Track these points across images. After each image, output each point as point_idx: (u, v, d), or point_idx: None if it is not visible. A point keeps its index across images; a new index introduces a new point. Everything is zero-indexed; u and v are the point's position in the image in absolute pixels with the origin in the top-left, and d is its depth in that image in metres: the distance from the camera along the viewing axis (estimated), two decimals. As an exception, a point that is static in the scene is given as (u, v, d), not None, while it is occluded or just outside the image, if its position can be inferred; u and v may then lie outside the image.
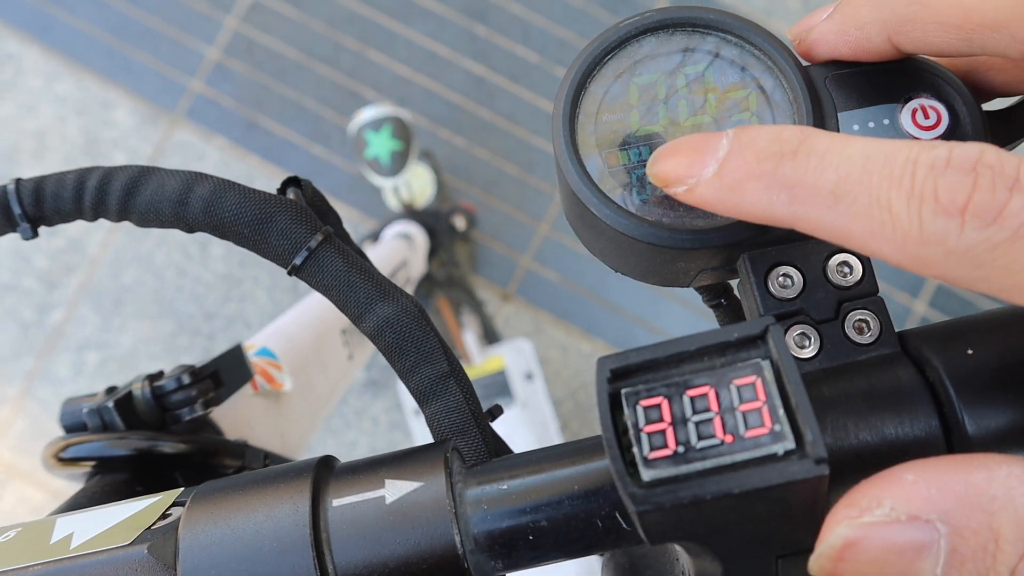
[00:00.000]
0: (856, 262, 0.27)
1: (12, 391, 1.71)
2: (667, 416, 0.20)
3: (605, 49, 0.28)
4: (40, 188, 0.32)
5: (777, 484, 0.19)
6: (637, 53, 0.28)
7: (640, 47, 0.28)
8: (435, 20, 1.77)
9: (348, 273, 0.31)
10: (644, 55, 0.28)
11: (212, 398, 0.39)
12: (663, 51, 0.28)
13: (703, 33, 0.28)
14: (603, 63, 0.28)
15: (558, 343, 1.72)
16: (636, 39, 0.28)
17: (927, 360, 0.24)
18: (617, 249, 0.28)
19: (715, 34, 0.28)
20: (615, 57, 0.28)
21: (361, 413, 1.71)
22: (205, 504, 0.26)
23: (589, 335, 1.72)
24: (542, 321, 1.72)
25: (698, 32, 0.28)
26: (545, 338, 1.72)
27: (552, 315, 1.72)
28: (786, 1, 1.76)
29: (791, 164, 0.21)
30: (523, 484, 0.24)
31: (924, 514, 0.18)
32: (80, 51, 1.78)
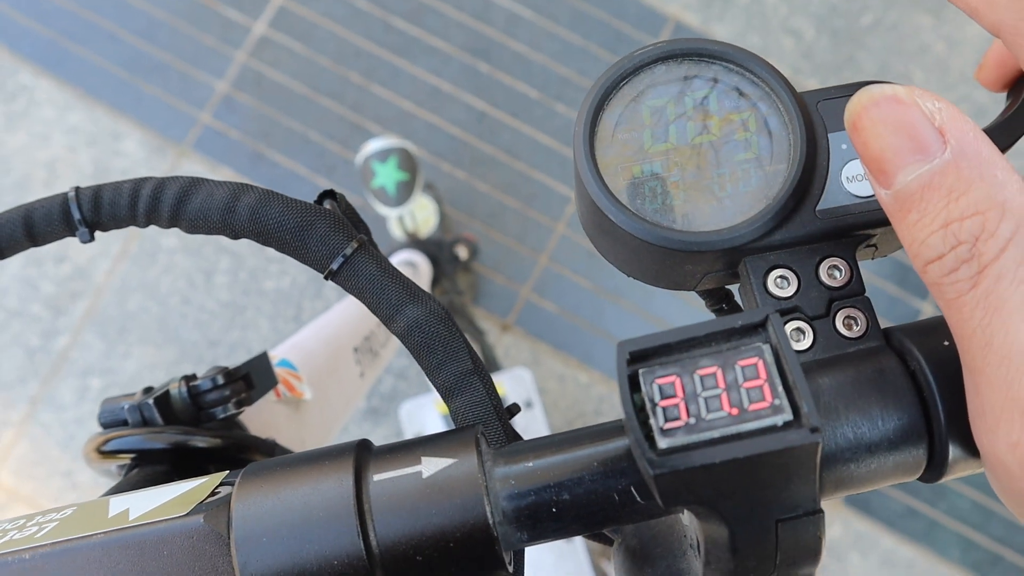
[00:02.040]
0: (844, 265, 0.30)
1: (16, 415, 1.73)
2: (680, 392, 0.23)
3: (621, 75, 0.31)
4: (98, 195, 0.35)
5: (777, 450, 0.22)
6: (649, 79, 0.31)
7: (652, 74, 0.31)
8: (439, 56, 1.82)
9: (381, 278, 0.34)
10: (655, 81, 0.31)
11: (244, 398, 0.42)
12: (672, 78, 0.31)
13: (708, 62, 0.31)
14: (619, 87, 0.31)
15: (556, 373, 1.75)
16: (648, 67, 0.31)
17: (909, 351, 0.27)
18: (632, 254, 0.30)
19: (718, 63, 0.31)
20: (629, 82, 0.31)
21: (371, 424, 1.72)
22: (255, 479, 0.28)
23: (586, 366, 1.75)
24: (541, 351, 1.75)
25: (704, 61, 0.31)
26: (544, 368, 1.74)
27: (550, 346, 1.74)
28: (780, 41, 1.81)
29: None
30: (547, 463, 0.27)
31: (948, 133, 0.23)
32: (92, 84, 1.82)
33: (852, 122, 0.25)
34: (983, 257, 0.23)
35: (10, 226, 0.35)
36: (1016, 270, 0.22)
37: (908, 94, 0.24)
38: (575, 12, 1.82)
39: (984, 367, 0.23)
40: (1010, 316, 0.22)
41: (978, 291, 0.23)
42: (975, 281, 0.23)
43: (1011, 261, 0.22)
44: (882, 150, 0.24)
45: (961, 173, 0.23)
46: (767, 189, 0.30)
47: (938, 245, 0.23)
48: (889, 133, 0.24)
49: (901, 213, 0.24)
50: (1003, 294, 0.22)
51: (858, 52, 1.80)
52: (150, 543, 0.28)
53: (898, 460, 0.27)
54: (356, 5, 1.83)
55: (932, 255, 0.23)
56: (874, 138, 0.24)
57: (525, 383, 1.59)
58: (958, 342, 0.24)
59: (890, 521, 1.68)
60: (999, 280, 0.22)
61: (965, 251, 0.23)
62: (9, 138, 1.80)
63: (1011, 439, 0.23)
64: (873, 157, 0.24)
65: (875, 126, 0.24)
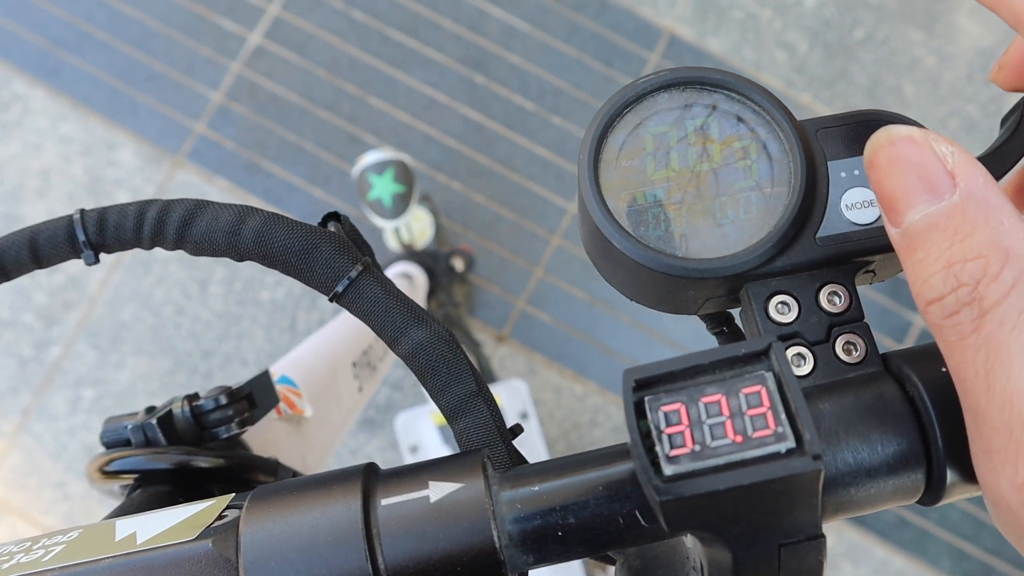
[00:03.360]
0: (844, 292, 0.30)
1: (8, 426, 1.72)
2: (685, 419, 0.24)
3: (625, 102, 0.31)
4: (103, 218, 0.35)
5: (781, 477, 0.22)
6: (652, 107, 0.31)
7: (655, 102, 0.31)
8: (435, 68, 1.82)
9: (385, 300, 0.34)
10: (658, 108, 0.31)
11: (247, 418, 0.42)
12: (674, 105, 0.31)
13: (710, 90, 0.31)
14: (622, 115, 0.31)
15: (551, 384, 1.75)
16: (651, 94, 0.31)
17: (907, 377, 0.28)
18: (635, 279, 0.31)
19: (720, 91, 0.31)
20: (632, 110, 0.31)
21: (357, 452, 1.72)
22: (263, 503, 0.28)
23: (582, 377, 1.75)
24: (536, 363, 1.75)
25: (706, 89, 0.31)
26: (539, 379, 1.75)
27: (546, 357, 1.75)
28: (774, 55, 1.82)
29: None
30: (552, 486, 0.27)
31: (958, 177, 0.24)
32: (87, 94, 1.82)
33: (870, 159, 0.26)
34: (984, 301, 0.23)
35: (15, 248, 0.35)
36: (1018, 317, 0.23)
37: (923, 136, 0.25)
38: (571, 25, 1.82)
39: (987, 409, 0.24)
40: (1011, 361, 0.23)
41: (980, 336, 0.23)
42: (976, 325, 0.23)
43: (1013, 307, 0.23)
44: (894, 188, 0.25)
45: (967, 216, 0.24)
46: (768, 216, 0.30)
47: (939, 286, 0.24)
48: (902, 172, 0.25)
49: (908, 251, 0.25)
50: (1005, 340, 0.23)
51: (850, 66, 1.81)
52: (159, 567, 0.28)
53: (897, 484, 0.27)
54: (352, 16, 1.83)
55: (933, 295, 0.24)
56: (888, 176, 0.25)
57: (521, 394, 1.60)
58: (958, 383, 0.24)
59: (882, 531, 1.69)
60: (1001, 325, 0.23)
61: (966, 294, 0.23)
62: (2, 148, 1.80)
63: (1016, 481, 0.23)
64: (886, 195, 0.25)
65: (890, 165, 0.25)
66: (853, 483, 0.27)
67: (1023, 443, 0.23)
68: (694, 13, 1.83)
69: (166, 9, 1.84)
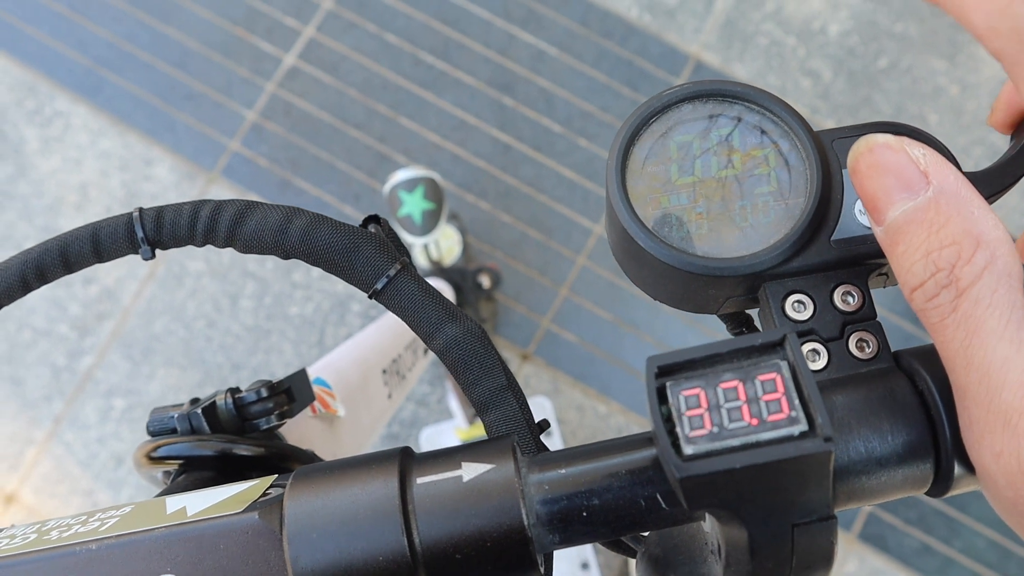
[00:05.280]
0: (857, 292, 0.32)
1: (40, 434, 1.76)
2: (704, 403, 0.25)
3: (651, 112, 0.33)
4: (160, 216, 0.37)
5: (793, 457, 0.24)
6: (676, 117, 0.33)
7: (679, 112, 0.33)
8: (465, 91, 1.85)
9: (422, 298, 0.36)
10: (682, 119, 0.33)
11: (286, 411, 0.44)
12: (698, 116, 0.33)
13: (731, 102, 0.33)
14: (649, 124, 0.33)
15: (575, 403, 1.76)
16: (676, 105, 0.33)
17: (917, 372, 0.29)
18: (659, 278, 0.33)
19: (741, 103, 0.33)
20: (658, 120, 0.33)
21: (380, 466, 1.74)
22: (306, 480, 0.30)
23: (605, 396, 1.76)
24: (560, 381, 1.76)
25: (727, 101, 0.33)
26: (563, 398, 1.76)
27: (570, 376, 1.76)
28: (798, 82, 1.83)
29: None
30: (579, 470, 0.29)
31: (931, 175, 0.26)
32: (127, 111, 1.86)
33: (852, 167, 0.28)
34: (960, 282, 0.25)
35: (79, 243, 0.37)
36: (991, 295, 0.25)
37: (898, 142, 0.27)
38: (599, 50, 1.85)
39: (967, 384, 0.25)
40: (988, 337, 0.25)
41: (958, 314, 0.25)
42: (955, 305, 0.25)
43: (986, 287, 0.25)
44: (875, 190, 0.27)
45: (941, 208, 0.26)
46: (786, 220, 0.32)
47: (920, 272, 0.26)
48: (881, 175, 0.27)
49: (892, 246, 0.27)
50: (980, 317, 0.25)
51: (874, 94, 1.83)
52: (208, 537, 0.30)
53: (906, 474, 0.29)
54: (385, 39, 1.87)
55: (916, 282, 0.26)
56: (869, 180, 0.27)
57: (545, 411, 1.61)
58: (944, 363, 0.26)
59: (905, 558, 1.68)
60: (977, 304, 0.25)
61: (944, 277, 0.25)
62: (43, 162, 1.85)
63: (995, 449, 0.25)
64: (868, 196, 0.27)
65: (870, 169, 0.27)
66: (864, 471, 0.28)
67: (1000, 412, 0.25)
68: (719, 40, 1.86)
69: (206, 30, 1.88)
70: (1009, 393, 0.24)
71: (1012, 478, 0.25)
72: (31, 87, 1.88)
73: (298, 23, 1.88)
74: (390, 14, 1.88)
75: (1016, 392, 0.24)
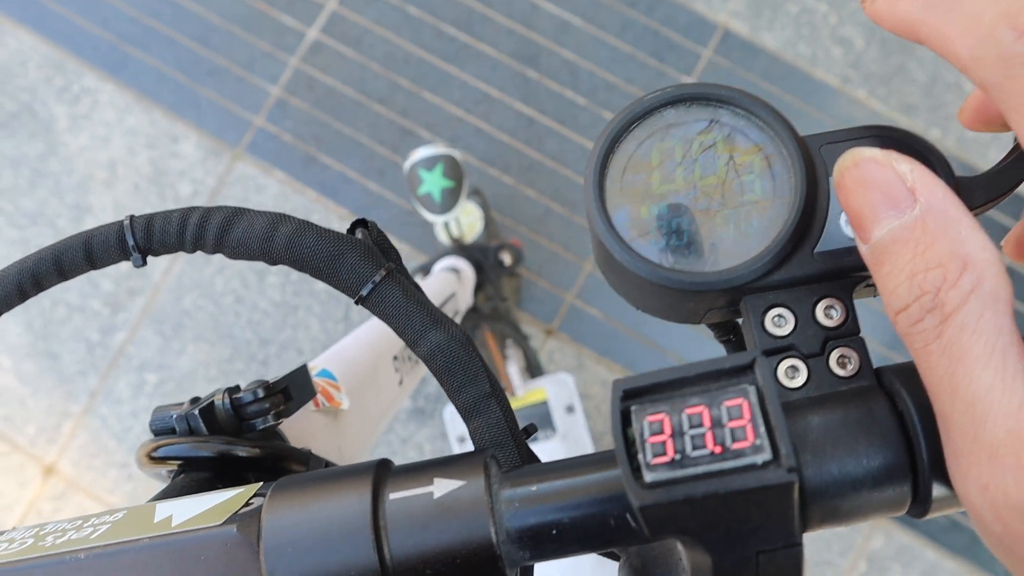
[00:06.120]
0: (841, 306, 0.31)
1: (76, 408, 1.79)
2: (667, 429, 0.25)
3: (633, 117, 0.32)
4: (150, 224, 0.37)
5: (755, 487, 0.24)
6: (659, 122, 0.33)
7: (662, 117, 0.33)
8: (488, 63, 1.84)
9: (406, 304, 0.36)
10: (665, 124, 0.32)
11: (283, 410, 0.45)
12: (681, 120, 0.32)
13: (716, 106, 0.32)
14: (630, 130, 0.33)
15: (600, 379, 1.76)
16: (659, 110, 0.33)
17: (897, 392, 0.29)
18: (636, 291, 0.32)
19: (726, 107, 0.32)
20: (640, 125, 0.33)
21: (407, 440, 1.76)
22: (284, 493, 0.31)
23: (630, 371, 1.76)
24: (585, 357, 1.76)
25: (712, 105, 0.32)
26: (587, 373, 1.76)
27: (594, 352, 1.76)
28: (830, 51, 1.80)
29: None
30: (550, 487, 0.29)
31: (918, 192, 0.25)
32: (152, 87, 1.88)
33: (838, 181, 0.27)
34: (945, 307, 0.24)
35: (72, 252, 0.38)
36: (977, 321, 0.24)
37: (885, 157, 0.26)
38: (624, 20, 1.83)
39: (952, 413, 0.24)
40: (973, 365, 0.24)
41: (943, 340, 0.24)
42: (940, 331, 0.24)
43: (972, 312, 0.24)
44: (861, 206, 0.26)
45: (928, 228, 0.25)
46: (769, 230, 0.31)
47: (904, 295, 0.25)
48: (867, 191, 0.26)
49: (877, 265, 0.26)
50: (966, 344, 0.24)
51: (908, 62, 1.79)
52: (189, 549, 0.30)
53: (883, 497, 0.28)
54: (407, 11, 1.86)
55: (900, 304, 0.25)
56: (854, 195, 0.26)
57: (567, 388, 1.61)
58: (928, 390, 0.25)
59: (933, 534, 1.67)
60: (962, 330, 0.24)
61: (928, 300, 0.24)
62: (72, 139, 1.87)
63: (981, 482, 0.24)
64: (854, 213, 0.26)
65: (856, 184, 0.26)
66: (839, 494, 0.28)
67: (986, 444, 0.24)
68: (748, 8, 1.82)
69: (228, 5, 1.89)
70: (994, 424, 0.23)
71: (999, 512, 0.24)
72: (59, 65, 1.89)
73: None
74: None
75: (1001, 424, 0.23)
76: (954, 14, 0.26)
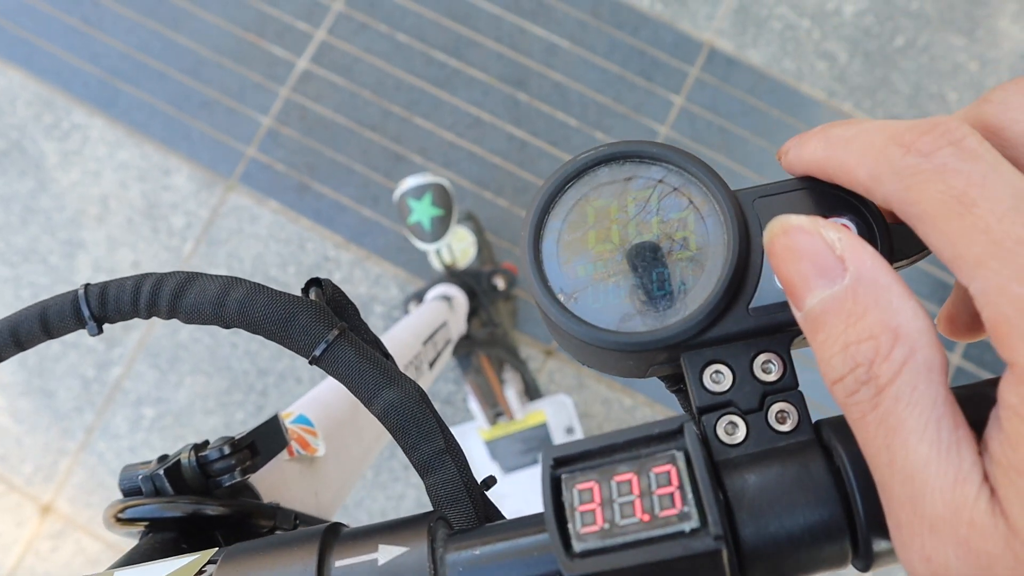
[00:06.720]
0: (778, 360, 0.31)
1: (72, 445, 1.79)
2: (597, 498, 0.25)
3: (566, 177, 0.33)
4: (104, 292, 0.38)
5: (682, 556, 0.24)
6: (594, 180, 0.33)
7: (595, 176, 0.33)
8: (478, 88, 1.85)
9: (359, 363, 0.37)
10: (598, 182, 0.33)
11: (249, 466, 0.45)
12: (616, 178, 0.33)
13: (649, 163, 0.33)
14: (565, 190, 0.33)
15: (600, 397, 1.76)
16: (592, 169, 0.33)
17: (834, 448, 0.29)
18: (578, 349, 0.33)
19: (659, 164, 0.32)
20: (574, 185, 0.33)
21: (409, 467, 1.76)
22: (232, 564, 0.31)
23: (630, 389, 1.76)
24: (585, 376, 1.76)
25: (645, 163, 0.33)
26: (588, 392, 1.76)
27: (595, 371, 1.76)
28: (814, 65, 1.80)
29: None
30: (492, 551, 0.29)
31: (847, 261, 0.26)
32: (143, 121, 1.89)
33: (768, 248, 0.27)
34: (879, 380, 0.24)
35: (28, 322, 0.38)
36: (911, 393, 0.24)
37: (812, 224, 0.26)
38: (611, 41, 1.84)
39: (891, 484, 0.24)
40: (908, 436, 0.24)
41: (878, 412, 0.24)
42: (875, 403, 0.24)
43: (906, 384, 0.24)
44: (791, 275, 0.26)
45: (858, 299, 0.25)
46: (704, 287, 0.31)
47: (839, 366, 0.25)
48: (796, 260, 0.26)
49: (812, 333, 0.26)
50: (901, 415, 0.24)
51: (891, 74, 1.79)
52: (139, 622, 0.31)
53: (823, 554, 0.28)
54: (396, 39, 1.87)
55: (835, 375, 0.25)
56: (784, 264, 0.27)
57: (566, 409, 1.61)
58: (867, 459, 0.25)
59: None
60: (897, 401, 0.24)
61: (863, 373, 0.24)
62: (63, 175, 1.88)
63: (924, 553, 0.24)
64: (786, 281, 0.27)
65: (785, 252, 0.26)
66: (778, 552, 0.27)
67: (926, 516, 0.24)
68: (733, 26, 1.83)
69: (217, 37, 1.90)
70: (932, 498, 0.23)
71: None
72: (48, 101, 1.91)
73: (309, 26, 1.89)
74: (400, 13, 1.88)
75: (939, 498, 0.23)
76: (852, 145, 0.28)
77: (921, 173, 0.25)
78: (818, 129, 0.31)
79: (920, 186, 0.25)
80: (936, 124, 0.26)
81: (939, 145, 0.25)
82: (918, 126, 0.26)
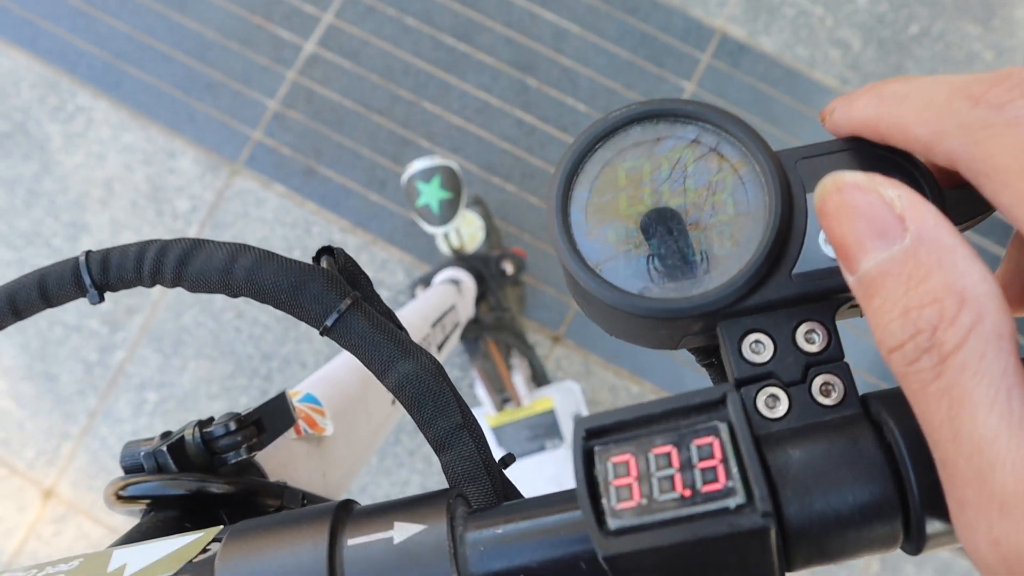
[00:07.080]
0: (822, 329, 0.29)
1: (75, 429, 1.78)
2: (633, 471, 0.23)
3: (596, 137, 0.31)
4: (106, 259, 0.36)
5: (727, 534, 0.22)
6: (625, 141, 0.31)
7: (627, 135, 0.31)
8: (487, 72, 1.83)
9: (373, 334, 0.35)
10: (631, 143, 0.31)
11: (255, 443, 0.43)
12: (648, 138, 0.31)
13: (684, 123, 0.31)
14: (594, 150, 0.31)
15: (608, 384, 1.74)
16: (624, 128, 0.31)
17: (885, 422, 0.27)
18: (607, 318, 0.31)
19: (695, 123, 0.30)
20: (604, 145, 0.31)
21: (414, 452, 1.74)
22: (238, 541, 0.29)
23: (638, 377, 1.74)
24: (592, 363, 1.75)
25: (680, 122, 0.31)
26: (595, 379, 1.74)
27: (602, 358, 1.74)
28: (827, 53, 1.78)
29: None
30: (516, 529, 0.27)
31: (908, 220, 0.24)
32: (148, 104, 1.87)
33: (819, 207, 0.25)
34: (944, 347, 0.22)
35: (26, 291, 0.37)
36: (979, 361, 0.22)
37: (868, 181, 0.24)
38: (622, 26, 1.81)
39: (955, 461, 0.22)
40: (976, 408, 0.22)
41: (941, 383, 0.22)
42: (938, 372, 0.22)
43: (973, 352, 0.22)
44: (845, 236, 0.24)
45: (920, 260, 0.23)
46: (742, 252, 0.29)
47: (898, 332, 0.23)
48: (851, 219, 0.24)
49: (867, 298, 0.24)
50: (967, 386, 0.22)
51: (905, 62, 1.77)
52: (140, 602, 0.29)
53: (872, 534, 0.26)
54: (405, 22, 1.85)
55: (893, 343, 0.23)
56: (838, 223, 0.24)
57: (574, 395, 1.60)
58: (927, 433, 0.23)
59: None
60: (963, 371, 0.22)
61: (925, 340, 0.22)
62: (67, 158, 1.86)
63: (991, 535, 0.22)
64: (838, 242, 0.25)
65: (839, 211, 0.24)
66: (823, 532, 0.26)
67: (995, 495, 0.22)
68: (745, 12, 1.81)
69: (224, 19, 1.88)
70: (1003, 475, 0.21)
71: (1013, 567, 0.22)
72: (52, 84, 1.89)
73: (316, 9, 1.87)
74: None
75: (1009, 474, 0.21)
76: (909, 101, 0.27)
77: (992, 127, 0.23)
78: (868, 87, 0.29)
79: (991, 140, 0.23)
80: (1009, 75, 0.24)
81: (1012, 96, 0.23)
82: (987, 78, 0.24)
